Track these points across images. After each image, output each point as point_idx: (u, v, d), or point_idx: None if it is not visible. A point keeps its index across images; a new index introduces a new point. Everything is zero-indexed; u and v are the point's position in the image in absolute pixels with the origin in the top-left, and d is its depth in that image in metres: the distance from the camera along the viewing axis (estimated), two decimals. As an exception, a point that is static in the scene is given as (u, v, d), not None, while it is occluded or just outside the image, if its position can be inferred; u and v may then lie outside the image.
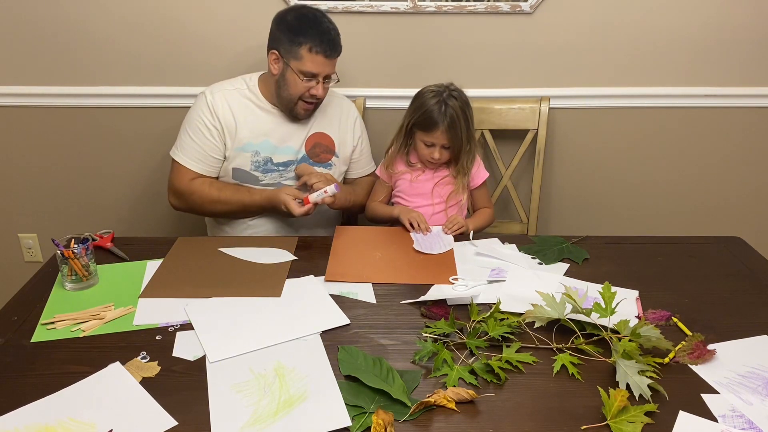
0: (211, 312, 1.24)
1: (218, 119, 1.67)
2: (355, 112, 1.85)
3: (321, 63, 1.60)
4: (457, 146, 1.64)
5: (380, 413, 0.93)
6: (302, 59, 1.60)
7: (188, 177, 1.70)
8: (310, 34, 1.59)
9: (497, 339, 1.12)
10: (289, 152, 1.73)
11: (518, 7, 1.91)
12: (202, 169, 1.70)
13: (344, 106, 1.83)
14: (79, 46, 1.98)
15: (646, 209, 2.19)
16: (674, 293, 1.32)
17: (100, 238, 1.52)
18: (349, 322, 1.20)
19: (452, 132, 1.61)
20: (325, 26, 1.61)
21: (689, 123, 2.07)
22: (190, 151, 1.69)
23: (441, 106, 1.59)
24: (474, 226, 1.66)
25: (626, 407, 0.95)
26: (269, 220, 1.75)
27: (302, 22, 1.61)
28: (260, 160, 1.71)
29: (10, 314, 1.23)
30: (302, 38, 1.59)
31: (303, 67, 1.60)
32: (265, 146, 1.70)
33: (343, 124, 1.80)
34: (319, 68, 1.60)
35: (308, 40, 1.58)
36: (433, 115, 1.60)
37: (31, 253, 2.28)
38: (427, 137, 1.63)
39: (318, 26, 1.60)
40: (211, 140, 1.68)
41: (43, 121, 2.08)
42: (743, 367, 1.08)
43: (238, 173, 1.72)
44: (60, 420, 0.95)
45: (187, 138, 1.69)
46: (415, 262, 1.45)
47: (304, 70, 1.60)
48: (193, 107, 1.71)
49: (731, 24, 1.93)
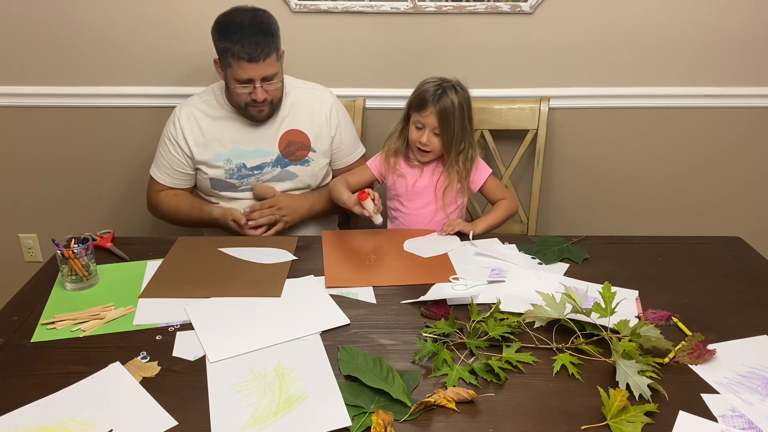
0: (211, 312, 1.24)
1: (183, 135, 1.70)
2: (329, 101, 1.78)
3: (249, 68, 1.55)
4: (447, 136, 1.60)
5: (380, 413, 0.93)
6: (231, 66, 1.57)
7: (156, 189, 1.77)
8: (232, 40, 1.54)
9: (497, 339, 1.12)
10: (261, 155, 1.72)
11: (518, 7, 1.91)
12: (170, 182, 1.76)
13: (316, 97, 1.77)
14: (79, 46, 1.98)
15: (646, 209, 2.19)
16: (674, 293, 1.32)
17: (100, 238, 1.52)
18: (349, 322, 1.20)
19: (443, 117, 1.58)
20: (250, 30, 1.54)
21: (689, 123, 2.07)
22: (160, 165, 1.76)
23: (438, 89, 1.59)
24: (484, 224, 1.63)
25: (626, 407, 0.95)
26: None
27: (225, 25, 1.57)
28: (233, 168, 1.71)
29: (10, 314, 1.23)
30: (226, 44, 1.55)
31: (234, 74, 1.58)
32: (235, 153, 1.71)
33: (317, 116, 1.75)
34: (248, 73, 1.56)
35: (230, 46, 1.54)
36: (428, 94, 1.59)
37: (31, 253, 2.28)
38: (418, 117, 1.61)
39: (238, 30, 1.54)
40: (176, 156, 1.72)
41: (43, 121, 2.08)
42: (743, 367, 1.07)
43: (216, 183, 1.74)
44: (60, 420, 0.95)
45: (159, 152, 1.76)
46: (412, 263, 1.45)
47: (236, 77, 1.58)
48: (166, 123, 1.75)
49: (731, 24, 1.93)
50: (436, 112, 1.57)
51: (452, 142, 1.61)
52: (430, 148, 1.62)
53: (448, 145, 1.62)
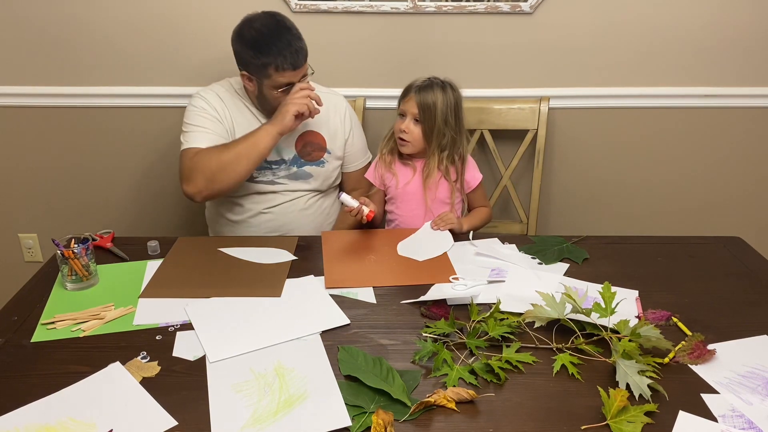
0: (211, 312, 1.24)
1: (217, 111, 1.68)
2: (344, 105, 1.83)
3: (291, 75, 1.58)
4: (428, 126, 1.61)
5: (380, 413, 0.93)
6: (271, 77, 1.58)
7: (191, 154, 1.62)
8: (273, 53, 1.54)
9: (497, 339, 1.12)
10: (280, 151, 1.73)
11: (518, 7, 1.91)
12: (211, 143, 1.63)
13: (332, 100, 1.80)
14: (78, 46, 1.98)
15: (646, 209, 2.19)
16: (674, 293, 1.32)
17: (100, 238, 1.52)
18: (349, 322, 1.20)
19: (424, 105, 1.59)
20: (285, 38, 1.55)
21: (689, 123, 2.07)
22: (198, 135, 1.63)
23: (425, 81, 1.62)
24: (469, 224, 1.65)
25: (626, 407, 0.95)
26: (271, 216, 1.75)
27: (261, 38, 1.55)
28: None
29: (10, 314, 1.23)
30: (265, 59, 1.55)
31: (275, 84, 1.59)
32: None
33: (332, 119, 1.78)
34: (290, 79, 1.59)
35: (272, 60, 1.55)
36: (413, 84, 1.62)
37: (31, 253, 2.28)
38: (401, 105, 1.64)
39: (278, 41, 1.54)
40: (218, 125, 1.66)
41: (43, 121, 2.08)
42: (743, 367, 1.08)
43: None
44: (60, 420, 0.95)
45: (192, 127, 1.64)
46: (412, 263, 1.45)
47: (276, 86, 1.59)
48: (190, 107, 1.69)
49: (731, 24, 1.93)
50: (417, 100, 1.60)
51: (432, 133, 1.62)
52: (410, 138, 1.63)
53: (428, 135, 1.63)
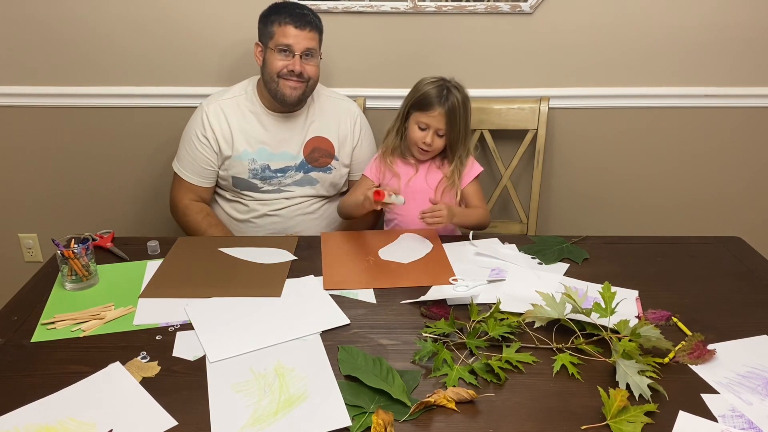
0: (211, 312, 1.24)
1: (212, 130, 1.70)
2: (356, 112, 1.84)
3: (292, 34, 1.62)
4: (453, 137, 1.61)
5: (380, 413, 0.93)
6: (274, 35, 1.63)
7: (186, 197, 1.76)
8: (278, 12, 1.65)
9: (497, 339, 1.12)
10: (286, 158, 1.73)
11: (518, 7, 1.91)
12: (197, 180, 1.75)
13: (343, 105, 1.82)
14: (79, 46, 1.98)
15: (646, 209, 2.19)
16: (674, 293, 1.32)
17: (100, 238, 1.52)
18: (349, 322, 1.20)
19: (450, 118, 1.57)
20: (293, 4, 1.67)
21: (689, 123, 2.07)
22: (186, 162, 1.75)
23: (443, 90, 1.58)
24: (459, 219, 1.60)
25: (626, 407, 0.95)
26: (277, 219, 1.76)
27: (273, 6, 1.68)
28: (257, 168, 1.72)
29: (10, 314, 1.23)
30: (272, 17, 1.65)
31: (276, 42, 1.63)
32: (261, 153, 1.72)
33: (343, 125, 1.80)
34: (290, 39, 1.62)
35: (277, 17, 1.64)
36: (433, 95, 1.58)
37: (31, 253, 2.28)
38: (423, 117, 1.59)
39: (287, 5, 1.67)
40: (202, 152, 1.72)
41: (43, 121, 2.08)
42: (743, 367, 1.08)
43: (238, 182, 1.74)
44: (60, 420, 0.95)
45: (183, 149, 1.76)
46: (411, 264, 1.44)
47: (278, 43, 1.63)
48: (191, 119, 1.76)
49: (730, 24, 1.93)
50: (445, 113, 1.57)
51: (458, 142, 1.62)
52: (433, 148, 1.63)
53: (454, 144, 1.63)
